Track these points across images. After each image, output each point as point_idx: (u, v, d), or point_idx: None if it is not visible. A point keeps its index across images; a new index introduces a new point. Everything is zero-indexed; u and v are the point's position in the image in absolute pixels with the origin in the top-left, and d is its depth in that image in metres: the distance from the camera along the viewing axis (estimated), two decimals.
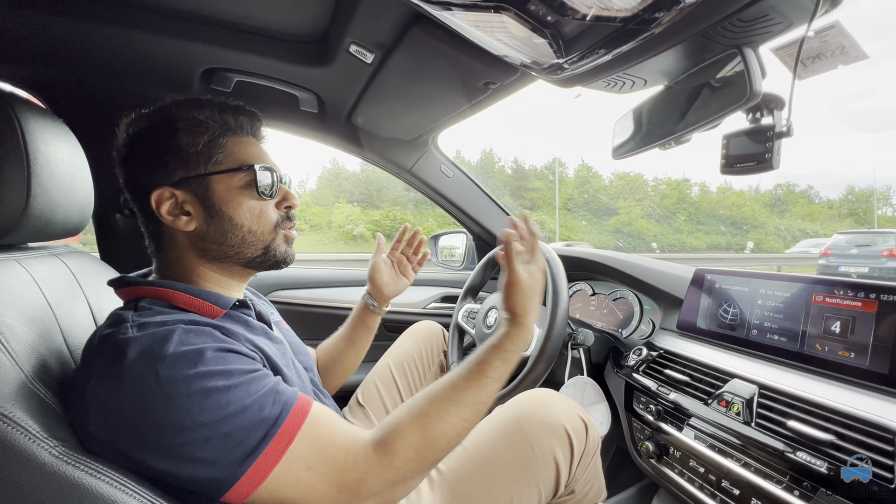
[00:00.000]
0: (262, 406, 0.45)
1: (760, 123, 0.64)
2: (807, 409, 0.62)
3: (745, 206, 29.12)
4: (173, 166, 0.57)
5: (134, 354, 0.44)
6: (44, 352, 0.50)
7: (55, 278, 0.62)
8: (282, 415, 0.46)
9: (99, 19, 0.84)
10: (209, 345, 0.47)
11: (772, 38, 0.58)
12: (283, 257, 0.63)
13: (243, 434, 0.43)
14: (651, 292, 1.09)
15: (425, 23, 0.75)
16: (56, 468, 0.40)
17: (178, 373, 0.43)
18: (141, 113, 0.59)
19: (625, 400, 0.93)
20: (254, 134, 0.64)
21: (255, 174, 0.59)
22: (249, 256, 0.61)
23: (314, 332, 1.42)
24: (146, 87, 1.05)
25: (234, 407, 0.44)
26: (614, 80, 0.73)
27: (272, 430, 0.44)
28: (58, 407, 0.46)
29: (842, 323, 0.67)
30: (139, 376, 0.43)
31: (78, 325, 0.60)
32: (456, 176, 1.45)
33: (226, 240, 0.58)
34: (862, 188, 32.04)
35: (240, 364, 0.48)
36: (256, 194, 0.59)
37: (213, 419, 0.43)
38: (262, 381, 0.48)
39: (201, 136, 0.57)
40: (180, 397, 0.43)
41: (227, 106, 0.61)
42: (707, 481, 0.72)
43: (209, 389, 0.44)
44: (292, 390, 0.50)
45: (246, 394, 0.45)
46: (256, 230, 0.60)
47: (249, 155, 0.60)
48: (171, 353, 0.44)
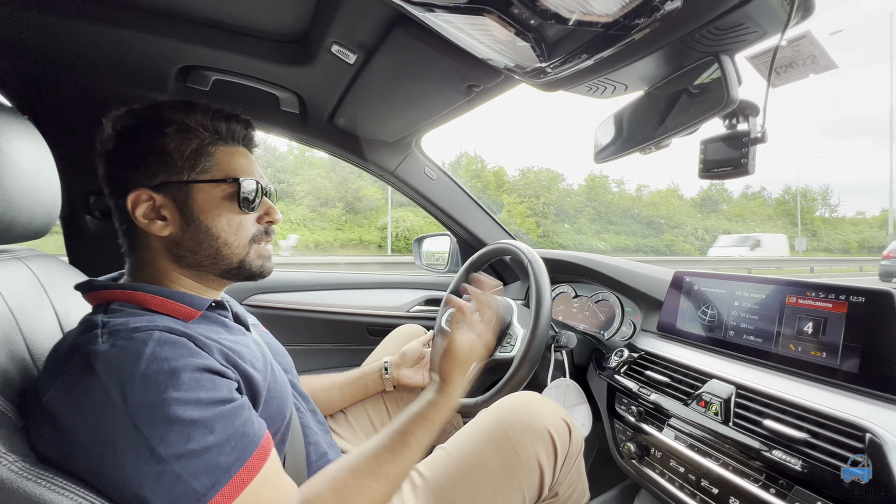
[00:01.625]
0: (220, 451, 0.44)
1: (736, 129, 0.66)
2: (782, 408, 0.64)
3: (665, 205, 27.24)
4: (156, 169, 0.55)
5: (102, 369, 0.42)
6: (3, 361, 0.47)
7: (17, 283, 0.59)
8: (237, 463, 0.45)
9: (69, 13, 0.80)
10: (183, 362, 0.45)
11: (747, 46, 0.60)
12: (259, 271, 0.62)
13: (193, 479, 0.42)
14: (632, 294, 1.10)
15: (408, 24, 0.75)
16: (16, 485, 0.38)
17: (146, 397, 0.42)
18: (131, 110, 0.57)
19: (607, 401, 0.94)
20: (245, 143, 0.63)
21: (240, 186, 0.58)
22: (224, 267, 0.59)
23: (293, 336, 1.40)
24: (119, 85, 1.02)
25: (193, 445, 0.42)
26: (596, 85, 0.74)
27: (223, 479, 0.43)
28: (18, 420, 0.44)
29: (814, 324, 0.69)
30: (104, 394, 0.41)
31: (42, 332, 0.57)
32: (440, 178, 1.45)
33: (200, 249, 0.57)
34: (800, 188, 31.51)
35: (213, 391, 0.46)
36: (238, 206, 0.58)
37: (170, 454, 0.41)
38: (230, 417, 0.46)
39: (190, 142, 0.56)
40: (144, 424, 0.41)
41: (221, 113, 0.60)
42: (687, 481, 0.73)
43: (175, 419, 0.42)
44: (256, 431, 0.48)
45: (209, 430, 0.44)
46: (232, 242, 0.59)
47: (237, 166, 0.59)
48: (141, 372, 0.42)
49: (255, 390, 0.54)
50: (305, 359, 1.43)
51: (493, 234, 1.55)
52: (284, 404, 0.60)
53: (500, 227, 1.56)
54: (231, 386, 0.49)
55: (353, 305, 1.47)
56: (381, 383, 0.95)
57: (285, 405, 0.60)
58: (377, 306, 1.50)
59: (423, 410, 0.60)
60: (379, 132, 1.28)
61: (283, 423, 0.60)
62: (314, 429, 0.71)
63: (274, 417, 0.58)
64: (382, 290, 1.59)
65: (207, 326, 0.55)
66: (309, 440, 0.68)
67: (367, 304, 1.49)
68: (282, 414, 0.60)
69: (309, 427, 0.70)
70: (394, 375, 0.94)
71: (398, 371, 0.95)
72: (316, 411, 0.76)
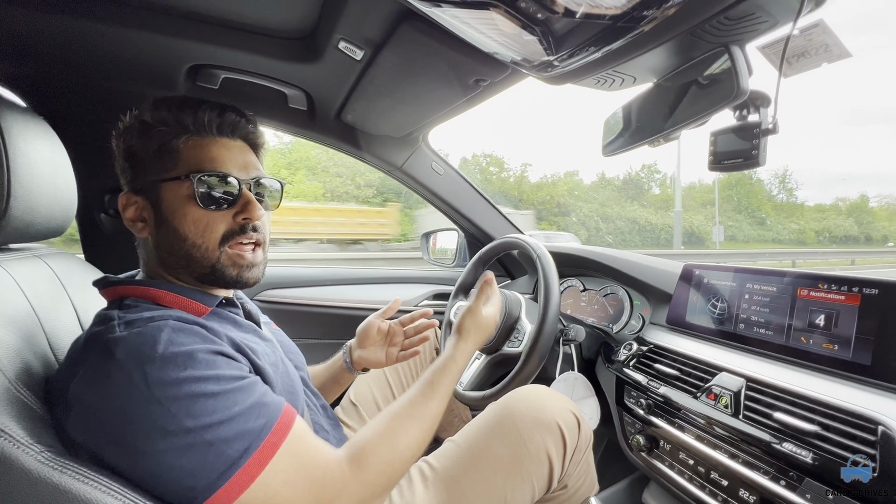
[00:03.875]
0: (247, 417, 0.45)
1: (747, 121, 0.65)
2: (792, 400, 0.64)
3: (549, 189, 23.03)
4: (131, 172, 0.56)
5: (122, 354, 0.43)
6: (28, 356, 0.49)
7: (38, 281, 0.61)
8: (265, 428, 0.46)
9: (81, 14, 0.82)
10: (199, 346, 0.46)
11: (758, 36, 0.59)
12: (234, 279, 0.57)
13: (226, 445, 0.43)
14: (641, 288, 1.10)
15: (415, 19, 0.75)
16: (42, 474, 0.39)
17: (167, 375, 0.43)
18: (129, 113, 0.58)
19: (616, 394, 0.94)
20: (220, 131, 0.57)
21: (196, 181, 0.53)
22: (198, 272, 0.56)
23: (303, 331, 1.41)
24: (130, 84, 1.03)
25: (220, 415, 0.43)
26: (604, 78, 0.74)
27: (255, 444, 0.44)
28: (42, 412, 0.45)
29: (826, 316, 0.68)
30: (127, 377, 0.42)
31: (63, 327, 0.59)
32: (447, 173, 1.45)
33: (173, 251, 0.56)
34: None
35: (229, 369, 0.47)
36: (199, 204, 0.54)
37: (198, 425, 0.42)
38: (250, 390, 0.47)
39: (151, 140, 0.55)
40: (168, 401, 0.42)
41: (188, 104, 0.55)
42: (696, 473, 0.73)
43: (198, 394, 0.43)
44: (277, 401, 0.49)
45: (233, 402, 0.45)
46: (201, 244, 0.55)
47: (203, 158, 0.55)
48: (160, 353, 0.44)
49: (266, 384, 0.55)
50: (315, 353, 1.44)
51: (501, 228, 1.55)
52: (296, 401, 0.61)
53: (508, 222, 1.56)
54: (244, 367, 0.51)
55: (362, 300, 1.49)
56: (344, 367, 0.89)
57: (297, 402, 0.61)
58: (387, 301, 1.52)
59: (443, 364, 0.66)
60: (386, 128, 1.28)
61: None
62: (324, 426, 0.72)
63: None
64: (391, 285, 1.60)
65: (218, 322, 0.56)
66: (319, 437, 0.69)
67: (376, 298, 1.50)
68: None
69: (319, 423, 0.71)
70: (354, 359, 0.88)
71: (355, 354, 0.88)
72: (326, 407, 0.77)
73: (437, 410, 0.62)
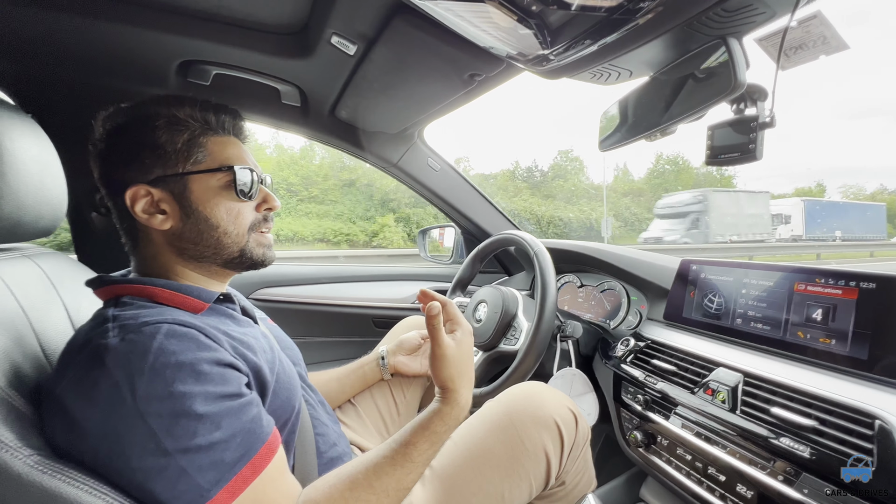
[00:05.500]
0: (225, 446, 0.44)
1: (744, 114, 0.65)
2: (790, 395, 0.64)
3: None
4: (150, 164, 0.56)
5: (111, 363, 0.43)
6: (17, 358, 0.48)
7: (28, 281, 0.60)
8: (241, 461, 0.45)
9: (69, 10, 0.80)
10: (192, 356, 0.46)
11: (755, 28, 0.59)
12: (261, 259, 0.63)
13: (197, 474, 0.42)
14: (638, 283, 1.10)
15: (408, 13, 0.74)
16: (31, 478, 0.38)
17: (154, 390, 0.42)
18: (119, 108, 0.58)
19: (613, 390, 0.94)
20: (235, 133, 0.63)
21: (235, 174, 0.58)
22: (226, 257, 0.60)
23: (299, 329, 1.41)
24: (120, 81, 1.02)
25: (200, 439, 0.43)
26: (600, 72, 0.73)
27: (226, 476, 0.43)
28: (32, 415, 0.44)
29: (823, 310, 0.68)
30: (113, 387, 0.42)
31: (54, 328, 0.58)
32: (443, 170, 1.44)
33: (202, 240, 0.58)
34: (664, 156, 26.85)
35: (220, 385, 0.46)
36: (235, 195, 0.59)
37: (176, 448, 0.42)
38: (237, 413, 0.46)
39: (181, 134, 0.57)
40: (151, 416, 0.41)
41: (209, 104, 0.60)
42: (694, 468, 0.73)
43: (182, 412, 0.42)
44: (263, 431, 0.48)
45: (215, 426, 0.44)
46: (232, 231, 0.59)
47: (230, 155, 0.60)
48: (150, 365, 0.43)
49: (263, 381, 0.55)
50: (312, 351, 1.44)
51: (498, 224, 1.54)
52: (293, 395, 0.61)
53: (505, 218, 1.55)
54: (241, 380, 0.50)
55: (359, 298, 1.48)
56: (378, 372, 0.95)
57: (294, 396, 0.61)
58: (382, 298, 1.51)
59: (427, 421, 0.57)
60: (381, 124, 1.27)
61: (293, 413, 0.61)
62: (323, 420, 0.72)
63: (283, 408, 0.58)
64: (387, 283, 1.59)
65: (216, 318, 0.56)
66: (318, 431, 0.69)
67: (372, 296, 1.50)
68: (290, 405, 0.60)
69: (318, 418, 0.71)
70: (390, 363, 0.95)
71: (394, 358, 0.95)
72: (324, 403, 0.77)
73: (406, 483, 0.54)
